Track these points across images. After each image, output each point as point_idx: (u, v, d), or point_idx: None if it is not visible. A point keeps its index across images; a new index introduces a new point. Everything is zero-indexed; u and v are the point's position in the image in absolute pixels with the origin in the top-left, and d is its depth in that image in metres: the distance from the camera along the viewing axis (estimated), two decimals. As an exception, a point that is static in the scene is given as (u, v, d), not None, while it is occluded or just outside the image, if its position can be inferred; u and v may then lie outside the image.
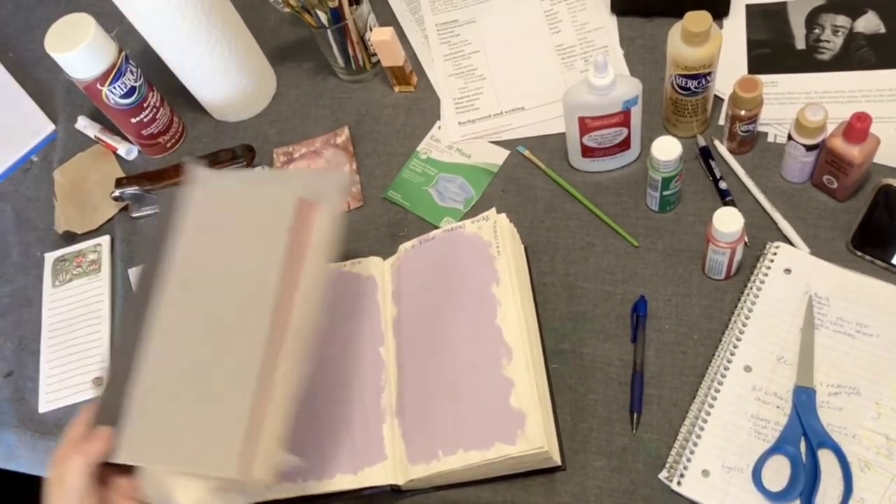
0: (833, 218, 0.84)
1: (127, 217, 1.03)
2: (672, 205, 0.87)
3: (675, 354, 0.81)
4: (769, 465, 0.73)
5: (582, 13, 1.03)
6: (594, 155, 0.89)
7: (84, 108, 1.12)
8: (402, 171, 0.98)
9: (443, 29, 1.07)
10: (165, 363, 0.68)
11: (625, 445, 0.78)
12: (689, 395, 0.78)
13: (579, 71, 0.99)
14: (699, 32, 0.78)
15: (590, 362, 0.82)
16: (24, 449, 0.92)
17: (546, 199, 0.92)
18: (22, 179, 1.12)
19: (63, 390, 0.93)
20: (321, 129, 1.04)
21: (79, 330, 0.96)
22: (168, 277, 0.71)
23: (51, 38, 0.93)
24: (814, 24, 0.95)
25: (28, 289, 1.02)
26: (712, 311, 0.82)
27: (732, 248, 0.78)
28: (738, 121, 0.84)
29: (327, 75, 1.07)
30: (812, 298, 0.79)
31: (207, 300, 0.70)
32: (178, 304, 0.70)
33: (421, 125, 1.01)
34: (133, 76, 0.98)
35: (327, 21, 0.96)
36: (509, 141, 0.97)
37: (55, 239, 1.04)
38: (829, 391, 0.75)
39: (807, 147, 0.80)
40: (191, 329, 0.69)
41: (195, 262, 0.71)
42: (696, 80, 0.83)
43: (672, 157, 0.79)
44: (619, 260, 0.87)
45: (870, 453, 0.72)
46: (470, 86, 1.01)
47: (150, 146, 1.06)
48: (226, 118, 1.08)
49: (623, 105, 0.82)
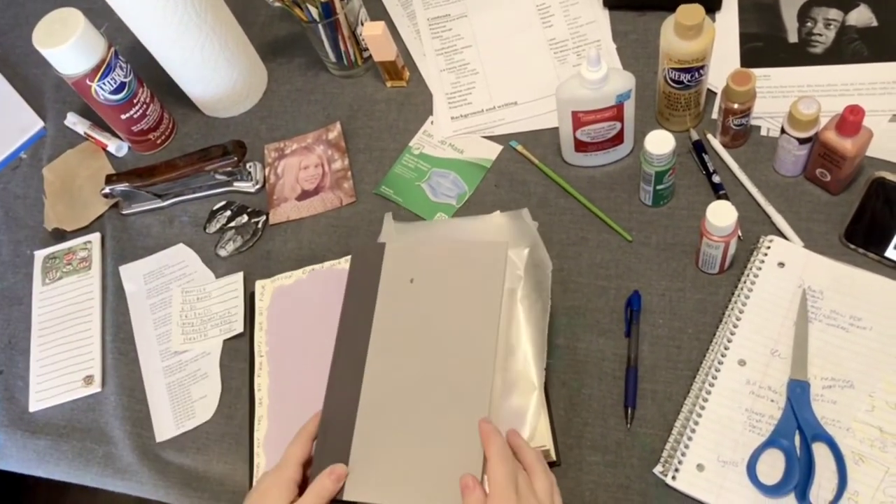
0: (826, 211, 0.84)
1: (117, 214, 1.03)
2: (665, 199, 0.87)
3: (669, 349, 0.80)
4: (764, 459, 0.73)
5: (574, 7, 1.02)
6: (587, 149, 0.89)
7: (73, 104, 1.11)
8: (395, 167, 0.97)
9: (434, 23, 1.06)
10: (386, 408, 0.72)
11: (619, 440, 0.78)
12: (684, 389, 0.78)
13: (572, 65, 0.98)
14: (692, 26, 0.78)
15: (584, 357, 0.82)
16: (14, 448, 0.91)
17: (539, 194, 0.92)
18: (11, 177, 1.11)
19: (53, 389, 0.92)
20: (313, 124, 1.03)
21: (69, 328, 0.96)
22: (379, 328, 0.76)
23: (39, 34, 0.92)
24: (806, 18, 0.95)
25: (17, 287, 1.01)
26: (706, 304, 0.82)
27: (726, 241, 0.77)
28: (732, 114, 0.84)
29: (319, 70, 1.07)
30: (806, 292, 0.79)
31: (426, 351, 0.74)
32: (392, 352, 0.75)
33: (413, 120, 1.00)
34: (123, 72, 0.97)
35: (318, 16, 0.96)
36: (502, 136, 0.96)
37: (45, 236, 1.04)
38: (823, 384, 0.75)
39: (800, 140, 0.80)
40: (408, 377, 0.73)
41: (404, 313, 0.76)
42: (689, 73, 0.82)
43: (665, 150, 0.79)
44: (613, 254, 0.86)
45: (864, 446, 0.72)
46: (462, 80, 1.01)
47: (140, 142, 1.05)
48: (216, 114, 1.07)
49: (616, 99, 0.82)
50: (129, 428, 0.88)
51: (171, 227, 1.00)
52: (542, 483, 0.65)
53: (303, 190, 0.98)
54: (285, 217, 0.97)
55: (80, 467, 0.89)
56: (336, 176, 0.98)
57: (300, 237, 0.96)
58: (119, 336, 0.94)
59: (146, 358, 0.92)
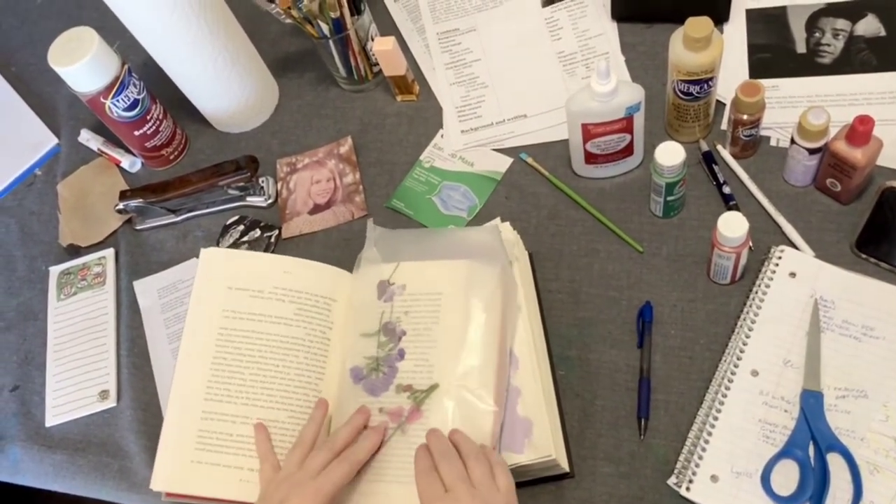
0: (837, 221, 0.84)
1: (131, 229, 1.03)
2: (676, 210, 0.87)
3: (681, 359, 0.81)
4: (778, 470, 0.73)
5: (583, 20, 1.03)
6: (597, 161, 0.89)
7: (87, 120, 1.12)
8: (406, 180, 0.98)
9: (444, 37, 1.07)
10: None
11: (633, 451, 0.78)
12: (697, 399, 0.78)
13: (581, 78, 0.99)
14: (700, 38, 0.78)
15: (596, 368, 0.82)
16: (31, 463, 0.92)
17: (550, 205, 0.92)
18: (26, 193, 1.12)
19: (69, 404, 0.93)
20: (324, 139, 1.04)
21: (84, 343, 0.96)
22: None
23: (54, 52, 0.93)
24: (814, 28, 0.95)
25: (33, 302, 1.02)
26: (718, 315, 0.82)
27: (737, 252, 0.78)
28: (741, 125, 0.84)
29: (329, 85, 1.08)
30: (818, 302, 0.79)
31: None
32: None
33: (424, 134, 1.01)
34: (136, 89, 0.98)
35: (329, 31, 0.97)
36: (512, 148, 0.97)
37: (59, 252, 1.04)
38: (836, 394, 0.75)
39: (810, 151, 0.80)
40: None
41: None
42: (698, 85, 0.83)
43: (675, 162, 0.79)
44: (624, 266, 0.87)
45: (879, 456, 0.72)
46: (472, 94, 1.02)
47: (154, 158, 1.06)
48: (229, 129, 1.08)
49: (626, 111, 0.82)
50: (144, 442, 0.89)
51: (185, 241, 1.01)
52: (479, 470, 0.67)
53: (315, 204, 0.99)
54: (298, 231, 0.98)
55: (96, 482, 0.90)
56: (347, 190, 0.99)
57: (312, 251, 0.96)
58: (134, 351, 0.95)
59: (161, 372, 0.92)
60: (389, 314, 0.80)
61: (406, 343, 0.78)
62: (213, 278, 0.84)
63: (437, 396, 0.75)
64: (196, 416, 0.79)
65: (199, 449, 0.78)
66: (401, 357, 0.78)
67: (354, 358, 0.80)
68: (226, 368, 0.80)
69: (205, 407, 0.79)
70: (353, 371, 0.79)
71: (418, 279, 0.81)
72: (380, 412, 0.76)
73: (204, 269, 0.85)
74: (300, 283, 0.84)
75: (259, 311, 0.82)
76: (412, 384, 0.76)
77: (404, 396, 0.76)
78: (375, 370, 0.78)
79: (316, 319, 0.83)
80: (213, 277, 0.84)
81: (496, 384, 0.73)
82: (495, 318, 0.76)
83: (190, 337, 0.82)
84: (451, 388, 0.74)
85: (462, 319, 0.76)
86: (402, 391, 0.76)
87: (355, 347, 0.80)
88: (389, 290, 0.81)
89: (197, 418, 0.79)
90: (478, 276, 0.78)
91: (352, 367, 0.79)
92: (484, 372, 0.74)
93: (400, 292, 0.81)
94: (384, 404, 0.76)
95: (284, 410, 0.79)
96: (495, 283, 0.77)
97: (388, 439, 0.75)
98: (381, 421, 0.75)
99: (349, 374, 0.79)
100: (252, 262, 0.86)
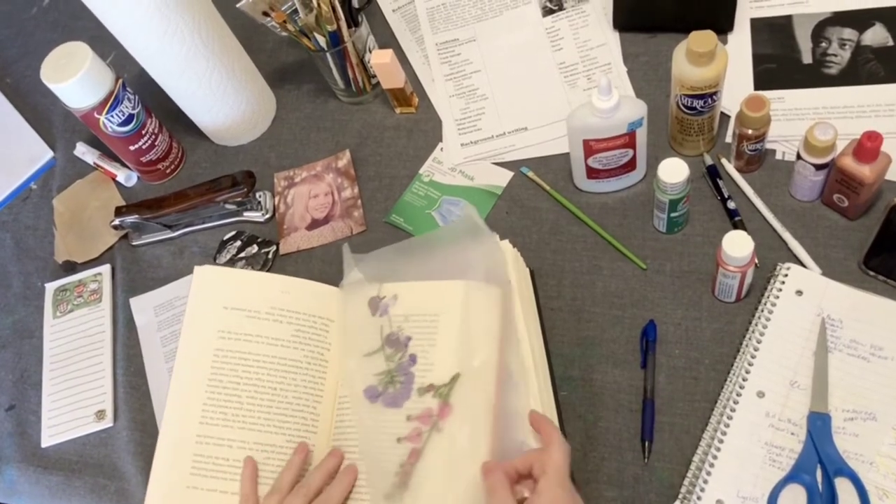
0: (844, 237, 0.82)
1: (127, 245, 1.02)
2: (680, 226, 0.86)
3: (686, 380, 0.79)
4: (785, 495, 0.71)
5: (584, 30, 1.01)
6: (599, 176, 0.88)
7: (83, 134, 1.11)
8: (405, 195, 0.96)
9: (443, 48, 1.05)
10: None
11: (637, 475, 0.76)
12: (702, 421, 0.77)
13: (582, 89, 0.97)
14: (704, 52, 0.76)
15: (599, 389, 0.81)
16: (27, 484, 0.91)
17: (551, 220, 0.91)
18: (21, 208, 1.11)
19: (65, 424, 0.92)
20: (322, 152, 1.03)
21: (81, 362, 0.95)
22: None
23: (47, 68, 0.92)
24: (820, 38, 0.93)
25: (29, 320, 1.01)
26: (723, 334, 0.80)
27: (743, 271, 0.76)
28: (746, 140, 0.83)
29: (327, 98, 1.06)
30: (825, 321, 0.77)
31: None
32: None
33: (423, 147, 0.99)
34: (130, 103, 0.97)
35: (326, 44, 0.95)
36: (513, 162, 0.95)
37: (55, 268, 1.03)
38: (844, 416, 0.73)
39: (816, 166, 0.79)
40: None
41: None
42: (702, 99, 0.81)
43: (679, 179, 0.78)
44: (628, 283, 0.85)
45: (888, 481, 0.70)
46: (472, 106, 1.00)
47: (150, 172, 1.05)
48: (225, 143, 1.07)
49: (628, 127, 0.81)
50: (141, 463, 0.88)
51: (182, 257, 1.00)
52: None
53: (313, 219, 0.98)
54: (296, 247, 0.96)
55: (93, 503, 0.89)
56: (346, 204, 0.97)
57: (311, 267, 0.95)
58: (130, 369, 0.94)
59: (158, 392, 0.91)
60: (389, 325, 0.79)
61: (415, 347, 0.77)
62: (207, 297, 0.83)
63: (462, 385, 0.74)
64: (191, 441, 0.77)
65: (194, 474, 0.77)
66: (413, 362, 0.77)
67: (365, 379, 0.78)
68: (222, 391, 0.79)
69: (200, 431, 0.78)
70: (367, 392, 0.78)
71: (410, 296, 0.80)
72: (408, 420, 0.75)
73: (198, 288, 0.83)
74: (297, 304, 0.83)
75: (255, 332, 0.81)
76: (433, 383, 0.75)
77: (429, 397, 0.75)
78: (391, 383, 0.77)
79: (314, 341, 0.82)
80: (208, 297, 0.83)
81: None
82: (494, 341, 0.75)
83: (184, 358, 0.80)
84: (471, 372, 0.74)
85: (463, 332, 0.76)
86: (425, 393, 0.75)
87: (361, 369, 0.79)
88: (382, 305, 0.80)
89: (192, 442, 0.77)
90: (476, 297, 0.77)
91: (365, 389, 0.78)
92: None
93: (393, 303, 0.80)
94: (410, 411, 0.75)
95: (282, 435, 0.78)
96: (494, 303, 0.76)
97: (423, 445, 0.73)
98: (412, 429, 0.74)
99: (364, 397, 0.78)
100: (247, 280, 0.85)
